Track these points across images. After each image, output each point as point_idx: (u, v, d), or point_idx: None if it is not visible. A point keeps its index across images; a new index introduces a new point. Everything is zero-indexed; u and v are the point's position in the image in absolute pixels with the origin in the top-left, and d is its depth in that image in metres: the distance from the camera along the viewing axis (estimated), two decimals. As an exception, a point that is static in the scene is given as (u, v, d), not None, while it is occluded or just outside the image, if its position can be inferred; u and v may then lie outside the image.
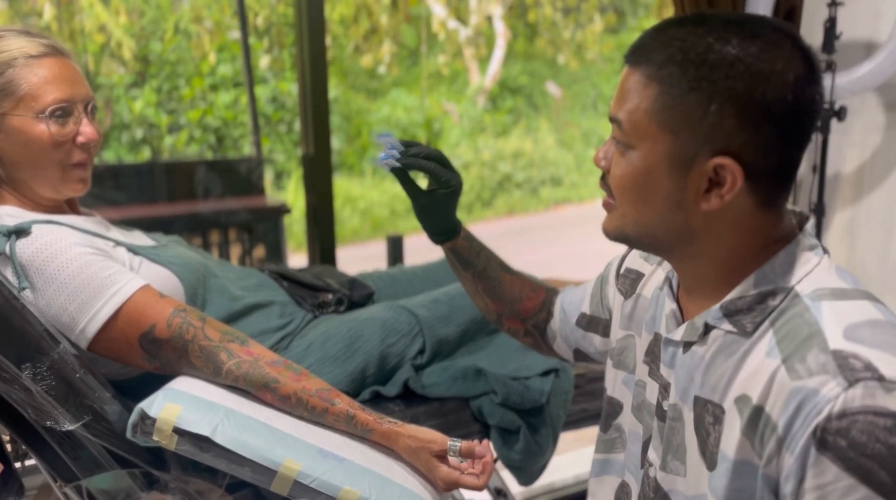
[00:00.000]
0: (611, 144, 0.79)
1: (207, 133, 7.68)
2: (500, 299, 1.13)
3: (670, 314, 0.86)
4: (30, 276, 1.03)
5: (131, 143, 7.41)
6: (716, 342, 0.78)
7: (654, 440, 0.87)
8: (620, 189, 0.78)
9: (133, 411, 1.02)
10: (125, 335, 1.07)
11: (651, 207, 0.76)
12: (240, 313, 1.27)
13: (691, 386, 0.80)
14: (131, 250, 1.17)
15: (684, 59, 0.71)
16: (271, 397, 1.09)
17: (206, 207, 3.24)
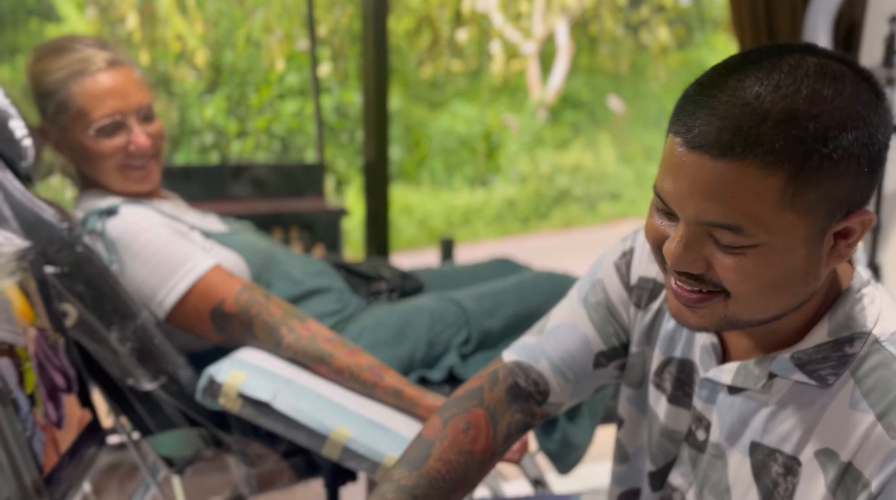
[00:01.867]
0: (701, 245, 0.66)
1: (273, 140, 7.95)
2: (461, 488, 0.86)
3: (708, 348, 0.79)
4: (118, 251, 1.16)
5: (201, 148, 7.73)
6: (781, 392, 0.73)
7: (682, 466, 0.84)
8: (749, 287, 0.66)
9: (202, 376, 1.14)
10: (197, 309, 1.19)
11: (786, 291, 0.67)
12: (301, 296, 1.38)
13: (745, 431, 0.76)
14: (205, 234, 1.29)
15: (807, 134, 0.60)
16: (326, 370, 1.19)
17: (271, 207, 3.40)
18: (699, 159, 0.62)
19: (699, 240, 0.66)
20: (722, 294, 0.68)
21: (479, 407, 0.88)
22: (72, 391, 1.00)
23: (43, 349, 0.94)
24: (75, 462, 0.95)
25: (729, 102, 0.62)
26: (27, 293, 0.94)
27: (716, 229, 0.64)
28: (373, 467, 1.10)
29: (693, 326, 0.71)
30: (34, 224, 1.02)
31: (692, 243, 0.66)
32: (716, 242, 0.65)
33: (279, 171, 3.53)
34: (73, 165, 1.26)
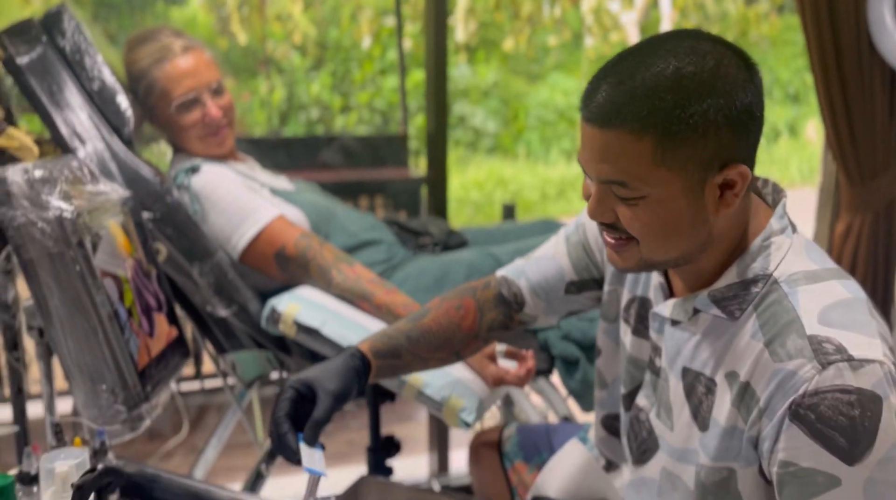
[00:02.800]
0: (607, 199, 0.81)
1: (375, 114, 8.27)
2: (445, 348, 1.08)
3: (658, 286, 0.93)
4: (200, 202, 1.42)
5: (308, 122, 8.16)
6: (704, 324, 0.87)
7: (646, 388, 0.98)
8: (643, 233, 0.81)
9: (266, 306, 1.39)
10: (264, 252, 1.43)
11: (678, 235, 0.81)
12: (354, 247, 1.60)
13: (678, 358, 0.90)
14: (272, 191, 1.54)
15: (666, 104, 0.74)
16: (368, 306, 1.41)
17: (357, 176, 3.64)
18: (591, 130, 0.78)
19: (606, 196, 0.81)
20: (634, 241, 0.83)
21: (471, 298, 1.10)
22: (162, 311, 1.27)
23: (139, 276, 1.21)
24: (163, 366, 1.22)
25: (612, 82, 0.76)
26: (127, 232, 1.21)
27: (612, 186, 0.79)
28: (400, 384, 1.31)
29: (621, 267, 0.87)
30: (134, 178, 1.29)
31: (601, 199, 0.81)
32: (616, 197, 0.80)
33: (365, 142, 3.80)
34: (165, 135, 1.53)
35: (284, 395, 0.90)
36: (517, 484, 1.34)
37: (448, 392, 1.29)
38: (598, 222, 0.85)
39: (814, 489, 0.77)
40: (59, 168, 1.10)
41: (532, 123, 9.67)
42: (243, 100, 7.85)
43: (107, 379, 1.09)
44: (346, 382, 0.95)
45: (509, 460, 1.35)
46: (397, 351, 1.04)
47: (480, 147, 9.35)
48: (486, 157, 9.31)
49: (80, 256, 1.05)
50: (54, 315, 1.07)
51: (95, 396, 1.09)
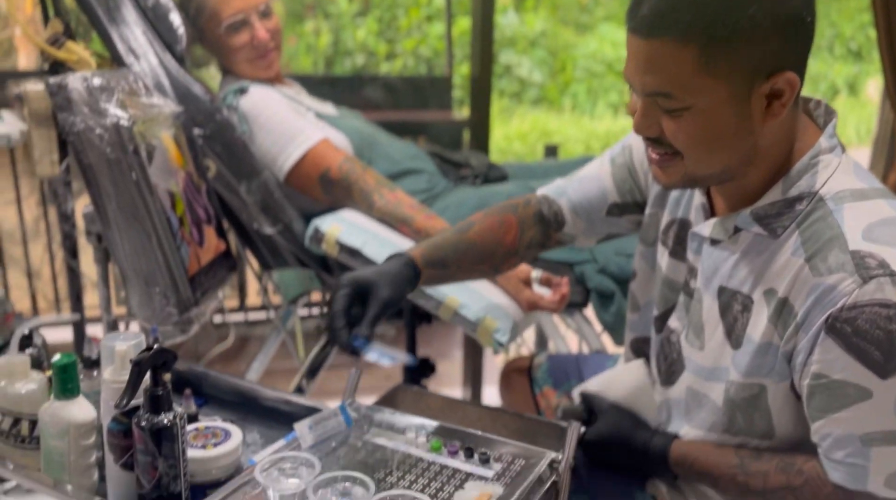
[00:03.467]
0: (652, 112, 0.81)
1: (420, 62, 8.21)
2: (486, 261, 1.10)
3: (699, 207, 0.93)
4: (248, 122, 1.46)
5: (353, 68, 8.15)
6: (745, 242, 0.86)
7: (679, 310, 0.99)
8: (689, 145, 0.81)
9: (310, 226, 1.43)
10: (309, 174, 1.47)
11: (723, 147, 0.80)
12: (397, 174, 1.63)
13: (715, 277, 0.90)
14: (318, 115, 1.57)
15: (711, 9, 0.73)
16: (407, 230, 1.45)
17: (401, 117, 3.66)
18: (636, 41, 0.78)
19: (651, 109, 0.81)
20: (678, 156, 0.83)
21: (512, 215, 1.12)
22: (211, 224, 1.32)
23: (190, 188, 1.26)
24: (211, 275, 1.28)
25: None
26: (179, 145, 1.25)
27: (657, 98, 0.79)
28: (437, 305, 1.35)
29: (665, 183, 0.87)
30: (186, 95, 1.33)
31: (647, 112, 0.81)
32: (661, 109, 0.80)
33: (410, 83, 3.79)
34: (215, 57, 1.57)
35: (341, 291, 0.92)
36: (545, 408, 1.38)
37: (483, 314, 1.33)
38: (644, 138, 0.85)
39: (843, 401, 0.78)
40: (117, 79, 1.14)
41: (579, 74, 9.48)
42: (290, 44, 7.86)
43: (160, 282, 1.15)
44: (399, 289, 0.96)
45: (538, 385, 1.39)
46: (445, 261, 1.06)
47: (525, 98, 9.23)
48: (531, 108, 9.19)
49: (135, 163, 1.10)
50: (112, 220, 1.13)
51: (149, 298, 1.15)
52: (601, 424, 1.04)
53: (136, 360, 0.75)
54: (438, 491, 0.80)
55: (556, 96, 9.32)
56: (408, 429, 0.92)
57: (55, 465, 0.84)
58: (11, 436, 0.88)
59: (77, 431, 0.83)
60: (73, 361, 0.83)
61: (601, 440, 1.03)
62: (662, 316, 1.04)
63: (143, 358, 0.76)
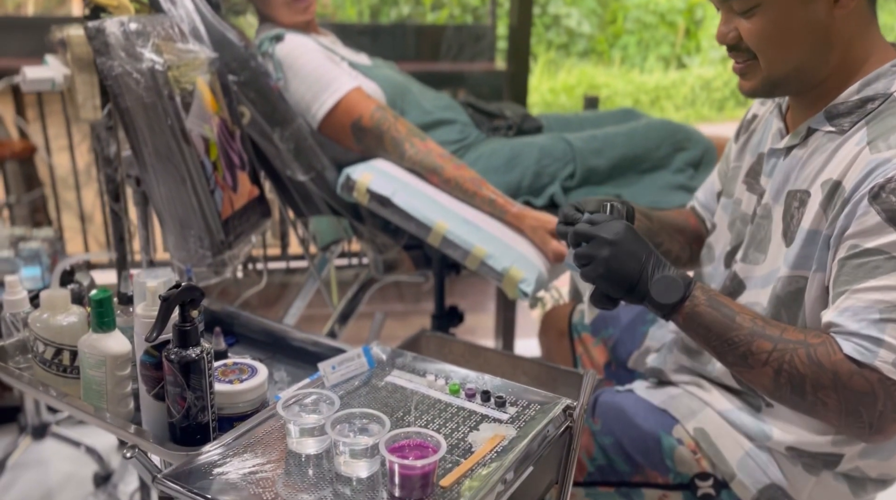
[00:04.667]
0: (729, 19, 0.91)
1: (466, 12, 8.07)
2: (682, 232, 1.21)
3: (776, 132, 1.00)
4: (283, 70, 1.48)
5: (398, 17, 8.06)
6: (815, 143, 0.92)
7: (745, 241, 1.04)
8: (764, 42, 0.89)
9: (341, 174, 1.45)
10: (341, 122, 1.48)
11: (795, 41, 0.88)
12: (429, 125, 1.63)
13: (786, 185, 0.96)
14: (352, 65, 1.57)
15: None
16: (437, 179, 1.46)
17: (442, 68, 3.61)
18: None
19: (728, 16, 0.91)
20: (756, 61, 0.91)
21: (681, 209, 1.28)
22: (245, 170, 1.35)
23: (224, 134, 1.28)
24: (244, 219, 1.31)
25: None
26: (213, 91, 1.27)
27: (731, 1, 0.89)
28: (464, 254, 1.37)
29: (747, 90, 0.94)
30: (220, 41, 1.35)
31: (725, 20, 0.92)
32: (735, 12, 0.89)
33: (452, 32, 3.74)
34: (251, 4, 1.57)
35: None
36: (581, 354, 1.40)
37: (509, 263, 1.34)
38: (727, 49, 0.93)
39: (871, 272, 0.80)
40: (153, 24, 1.16)
41: (630, 26, 9.22)
42: (335, -7, 7.78)
43: (194, 225, 1.18)
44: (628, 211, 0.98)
45: (577, 331, 1.41)
46: (650, 216, 1.13)
47: (573, 50, 9.03)
48: (579, 61, 8.99)
49: (170, 108, 1.13)
50: (148, 163, 1.17)
51: (184, 240, 1.19)
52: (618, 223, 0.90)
53: (164, 296, 0.79)
54: (454, 431, 0.83)
55: (605, 48, 9.09)
56: (428, 372, 0.94)
57: (94, 394, 0.89)
58: (54, 365, 0.94)
59: (113, 362, 0.87)
60: (108, 295, 0.87)
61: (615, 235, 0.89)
62: (733, 251, 1.08)
63: (172, 294, 0.79)
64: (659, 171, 1.69)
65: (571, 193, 1.65)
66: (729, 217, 1.14)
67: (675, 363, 1.19)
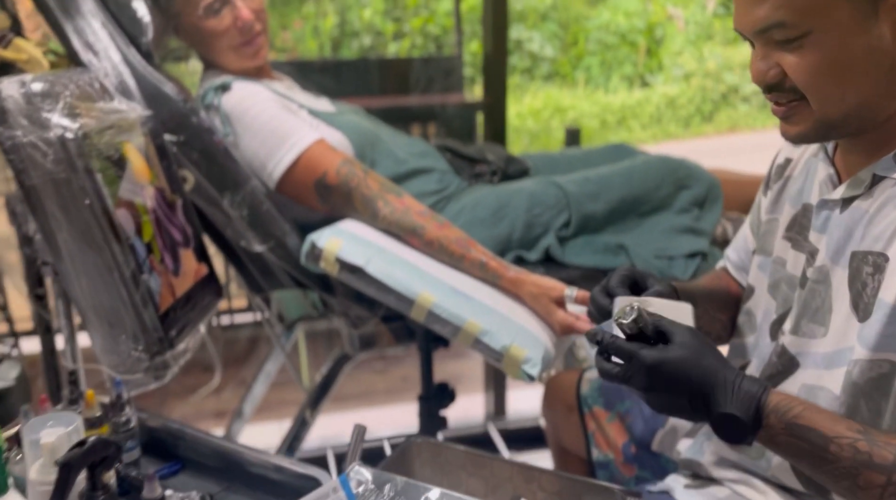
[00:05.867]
0: (769, 52, 0.76)
1: (428, 40, 7.98)
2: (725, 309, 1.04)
3: (826, 179, 0.85)
4: (231, 124, 1.27)
5: (360, 49, 7.94)
6: (883, 194, 0.77)
7: (793, 310, 0.88)
8: (816, 79, 0.74)
9: (306, 241, 1.24)
10: (303, 180, 1.28)
11: (852, 74, 0.74)
12: (403, 175, 1.44)
13: (848, 244, 0.80)
14: (312, 113, 1.37)
15: None
16: (417, 241, 1.26)
17: (408, 102, 3.45)
18: None
19: (767, 49, 0.76)
20: (804, 101, 0.76)
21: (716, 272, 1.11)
22: (189, 246, 1.14)
23: (161, 207, 1.07)
24: (190, 306, 1.10)
25: None
26: (147, 156, 1.06)
27: (772, 32, 0.73)
28: (454, 330, 1.16)
29: (793, 135, 0.79)
30: (154, 96, 1.14)
31: (764, 54, 0.76)
32: (777, 45, 0.74)
33: (417, 65, 3.57)
34: (193, 50, 1.37)
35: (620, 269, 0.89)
36: (594, 431, 1.21)
37: (509, 340, 1.14)
38: (764, 89, 0.78)
39: None
40: (64, 82, 0.96)
41: (592, 47, 9.23)
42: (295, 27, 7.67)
43: (125, 323, 0.97)
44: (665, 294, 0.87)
45: (587, 404, 1.22)
46: (694, 298, 0.95)
47: (537, 74, 9.03)
48: (543, 84, 8.99)
49: (88, 184, 0.92)
50: (64, 251, 0.95)
51: (114, 341, 0.97)
52: (677, 344, 0.76)
53: (63, 460, 0.57)
54: None
55: (568, 71, 9.09)
56: (424, 508, 0.74)
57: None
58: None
59: (7, 537, 0.65)
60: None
61: (675, 362, 0.75)
62: (780, 319, 0.91)
63: (74, 457, 0.58)
64: (661, 212, 1.52)
65: (567, 243, 1.46)
66: (769, 278, 0.97)
67: (714, 454, 1.00)
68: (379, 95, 3.39)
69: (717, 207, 1.54)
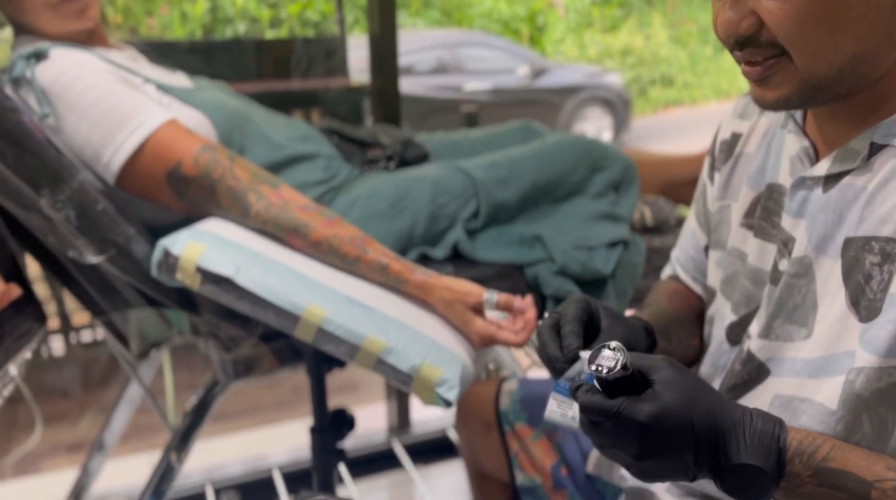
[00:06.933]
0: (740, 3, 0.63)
1: (307, 27, 7.64)
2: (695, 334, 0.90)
3: (800, 153, 0.72)
4: (51, 102, 0.99)
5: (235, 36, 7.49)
6: (885, 167, 0.64)
7: (761, 309, 0.75)
8: (802, 27, 0.61)
9: (156, 248, 0.98)
10: (151, 171, 1.02)
11: (845, 24, 0.60)
12: (281, 163, 1.20)
13: (839, 229, 0.67)
14: (162, 89, 1.11)
15: None
16: (301, 242, 1.03)
17: (289, 86, 3.20)
18: None
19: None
20: (785, 57, 0.63)
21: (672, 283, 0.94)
22: (-10, 262, 0.86)
23: (-58, 211, 0.79)
24: None
25: None
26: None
27: None
28: (352, 350, 0.95)
29: (771, 100, 0.66)
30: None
31: (733, 2, 0.63)
32: None
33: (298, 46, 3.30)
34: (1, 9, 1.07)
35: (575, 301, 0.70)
36: (517, 452, 1.05)
37: (419, 359, 0.93)
38: (735, 44, 0.65)
39: None
40: None
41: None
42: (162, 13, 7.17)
43: None
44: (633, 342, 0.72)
45: (508, 421, 1.05)
46: (669, 333, 0.82)
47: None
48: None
49: None
50: None
51: None
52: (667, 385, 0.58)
53: None
54: None
55: (453, 59, 9.02)
56: None
57: None
58: None
59: None
60: None
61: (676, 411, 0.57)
62: (742, 321, 0.78)
63: None
64: (576, 198, 1.36)
65: (477, 236, 1.28)
66: (723, 274, 0.83)
67: (669, 481, 0.84)
68: (256, 79, 3.10)
69: (634, 191, 1.40)
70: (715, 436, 0.57)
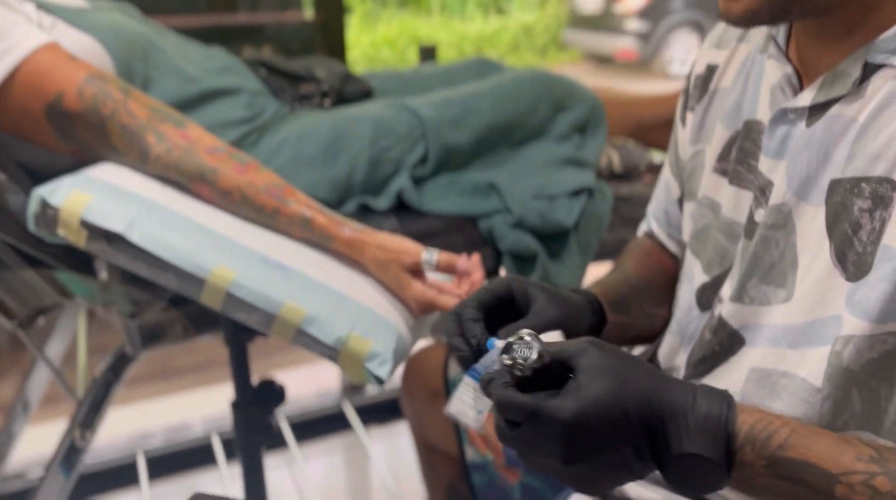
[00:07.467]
0: None
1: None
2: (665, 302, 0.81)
3: (782, 81, 0.62)
4: None
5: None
6: (880, 92, 0.54)
7: (734, 268, 0.66)
8: None
9: (32, 198, 0.82)
10: (25, 105, 0.85)
11: None
12: (195, 99, 1.04)
13: (824, 169, 0.58)
14: (42, 8, 0.93)
15: None
16: (209, 191, 0.87)
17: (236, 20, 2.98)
18: None
19: None
20: None
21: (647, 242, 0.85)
22: None
23: None
24: None
25: None
26: None
27: None
28: (267, 320, 0.80)
29: (738, 13, 0.56)
30: None
31: None
32: None
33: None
34: None
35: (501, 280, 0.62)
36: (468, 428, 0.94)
37: (346, 329, 0.80)
38: None
39: None
40: None
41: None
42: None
43: None
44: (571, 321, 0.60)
45: None
46: (627, 304, 0.72)
47: (390, 1, 8.60)
48: (397, 11, 8.61)
49: None
50: None
51: None
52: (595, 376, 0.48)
53: None
54: None
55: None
56: None
57: None
58: None
59: None
60: None
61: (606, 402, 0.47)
62: (714, 283, 0.68)
63: None
64: (538, 141, 1.22)
65: (426, 184, 1.13)
66: (695, 226, 0.72)
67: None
68: (200, 12, 2.87)
69: (601, 133, 1.27)
70: (653, 423, 0.48)
